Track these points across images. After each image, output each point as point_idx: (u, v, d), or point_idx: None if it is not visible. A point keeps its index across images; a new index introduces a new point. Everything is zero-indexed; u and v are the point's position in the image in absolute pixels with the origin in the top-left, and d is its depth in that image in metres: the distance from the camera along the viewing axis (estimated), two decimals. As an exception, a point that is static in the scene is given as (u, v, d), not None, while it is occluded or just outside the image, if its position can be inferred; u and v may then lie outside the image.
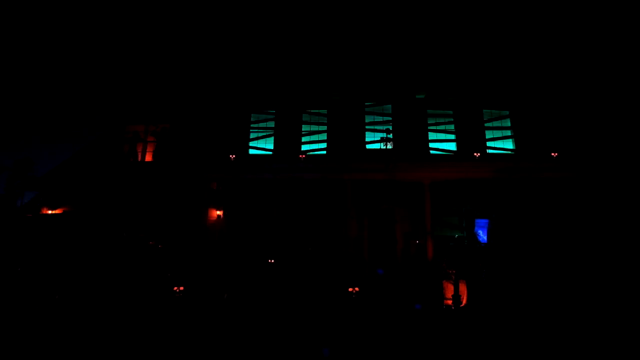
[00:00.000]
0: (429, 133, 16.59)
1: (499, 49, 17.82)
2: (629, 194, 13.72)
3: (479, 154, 14.73)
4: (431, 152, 16.21)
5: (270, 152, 16.37)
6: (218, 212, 14.85)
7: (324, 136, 16.67)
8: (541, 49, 17.62)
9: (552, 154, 14.36)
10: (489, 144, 16.44)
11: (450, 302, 11.64)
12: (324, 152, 16.30)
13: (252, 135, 16.82)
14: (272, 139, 16.66)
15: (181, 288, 10.79)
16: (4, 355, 7.69)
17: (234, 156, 14.58)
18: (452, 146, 16.39)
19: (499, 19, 18.28)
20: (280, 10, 19.07)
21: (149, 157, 16.34)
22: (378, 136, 16.29)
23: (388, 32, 18.50)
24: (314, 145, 16.62)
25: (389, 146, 15.81)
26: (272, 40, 18.72)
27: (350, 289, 11.08)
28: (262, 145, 16.67)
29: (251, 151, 16.57)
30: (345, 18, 18.76)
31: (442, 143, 16.49)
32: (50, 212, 14.38)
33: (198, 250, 13.39)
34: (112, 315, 9.74)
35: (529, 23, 18.14)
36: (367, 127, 16.71)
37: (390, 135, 15.90)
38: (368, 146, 16.33)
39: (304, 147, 16.43)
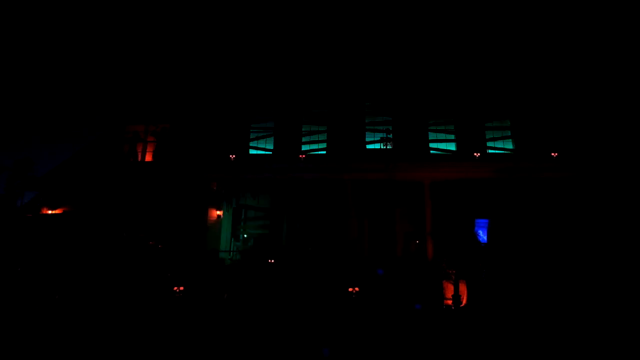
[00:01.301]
0: (429, 133, 16.58)
1: (499, 50, 17.81)
2: (629, 193, 13.72)
3: (479, 154, 14.72)
4: (431, 152, 16.21)
5: (270, 152, 16.36)
6: (218, 212, 14.84)
7: (324, 136, 16.65)
8: (541, 50, 17.62)
9: (552, 154, 14.37)
10: (489, 143, 16.43)
11: (450, 302, 11.63)
12: (324, 152, 16.29)
13: (252, 136, 16.80)
14: (272, 139, 16.64)
15: (181, 288, 10.79)
16: (5, 355, 7.68)
17: (234, 156, 14.58)
18: (452, 146, 16.39)
19: (499, 19, 18.28)
20: (282, 11, 19.08)
21: (149, 157, 16.33)
22: (378, 136, 16.28)
23: (388, 35, 18.51)
24: (313, 145, 16.60)
25: (389, 146, 15.80)
26: (272, 41, 18.71)
27: (350, 289, 11.08)
28: (262, 146, 16.66)
29: (251, 151, 16.56)
30: (347, 19, 18.77)
31: (442, 143, 16.48)
32: (50, 212, 14.37)
33: (198, 250, 13.38)
34: (113, 315, 9.73)
35: (529, 24, 18.15)
36: (367, 127, 16.70)
37: (390, 136, 15.89)
38: (368, 146, 16.32)
39: (304, 147, 16.42)
